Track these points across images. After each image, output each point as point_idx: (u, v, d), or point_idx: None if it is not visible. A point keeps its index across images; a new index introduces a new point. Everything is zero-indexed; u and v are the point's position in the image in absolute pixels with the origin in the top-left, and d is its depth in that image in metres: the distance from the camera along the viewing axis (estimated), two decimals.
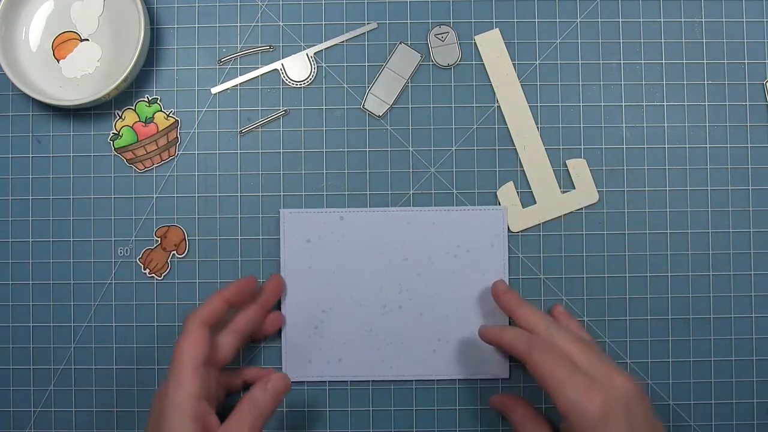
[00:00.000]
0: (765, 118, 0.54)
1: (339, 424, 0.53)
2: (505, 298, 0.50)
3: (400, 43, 0.55)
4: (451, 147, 0.54)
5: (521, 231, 0.54)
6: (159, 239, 0.54)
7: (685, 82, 0.54)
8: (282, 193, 0.54)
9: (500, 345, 0.47)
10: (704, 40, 0.54)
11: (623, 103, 0.54)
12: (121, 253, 0.54)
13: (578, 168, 0.54)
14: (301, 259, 0.53)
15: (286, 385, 0.46)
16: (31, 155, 0.55)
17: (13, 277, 0.54)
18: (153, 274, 0.54)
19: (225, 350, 0.48)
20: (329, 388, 0.53)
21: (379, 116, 0.54)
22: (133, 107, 0.54)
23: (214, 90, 0.53)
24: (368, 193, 0.54)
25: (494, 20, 0.55)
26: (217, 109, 0.55)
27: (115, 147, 0.54)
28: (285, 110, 0.55)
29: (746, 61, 0.54)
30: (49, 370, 0.54)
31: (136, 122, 0.54)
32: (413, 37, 0.55)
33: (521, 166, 0.54)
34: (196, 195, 0.54)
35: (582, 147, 0.54)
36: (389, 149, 0.54)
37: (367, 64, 0.55)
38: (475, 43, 0.55)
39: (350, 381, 0.53)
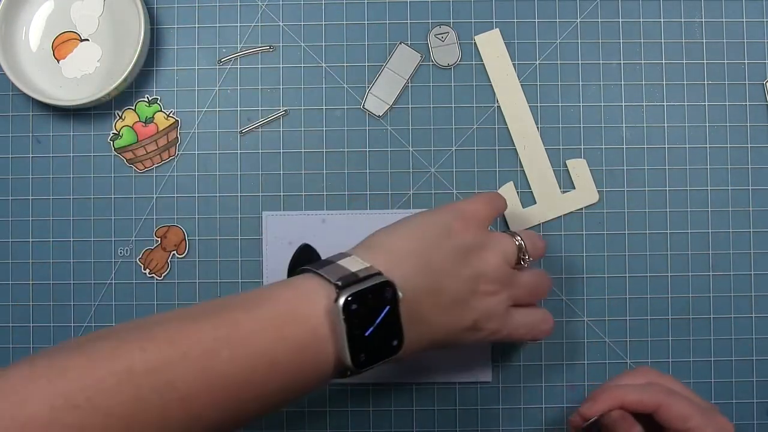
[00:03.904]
0: (765, 118, 0.54)
1: (339, 425, 0.53)
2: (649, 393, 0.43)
3: (400, 43, 0.55)
4: (451, 147, 0.54)
5: None
6: (159, 239, 0.54)
7: (685, 82, 0.54)
8: (282, 193, 0.54)
9: (661, 413, 0.42)
10: (704, 40, 0.54)
11: (623, 103, 0.54)
12: (121, 253, 0.54)
13: (578, 168, 0.54)
14: (283, 261, 0.53)
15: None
16: (31, 155, 0.55)
17: (13, 277, 0.54)
18: (153, 274, 0.54)
19: None
20: (329, 388, 0.53)
21: (379, 116, 0.54)
22: (133, 107, 0.54)
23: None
24: (368, 193, 0.54)
25: (494, 20, 0.55)
26: (217, 109, 0.55)
27: (115, 147, 0.54)
28: (285, 110, 0.55)
29: (746, 61, 0.54)
30: None
31: (136, 122, 0.54)
32: (413, 37, 0.55)
33: (521, 166, 0.54)
34: (196, 195, 0.54)
35: (582, 147, 0.54)
36: (389, 149, 0.54)
37: (367, 64, 0.55)
38: (475, 43, 0.54)
39: (349, 385, 0.53)
